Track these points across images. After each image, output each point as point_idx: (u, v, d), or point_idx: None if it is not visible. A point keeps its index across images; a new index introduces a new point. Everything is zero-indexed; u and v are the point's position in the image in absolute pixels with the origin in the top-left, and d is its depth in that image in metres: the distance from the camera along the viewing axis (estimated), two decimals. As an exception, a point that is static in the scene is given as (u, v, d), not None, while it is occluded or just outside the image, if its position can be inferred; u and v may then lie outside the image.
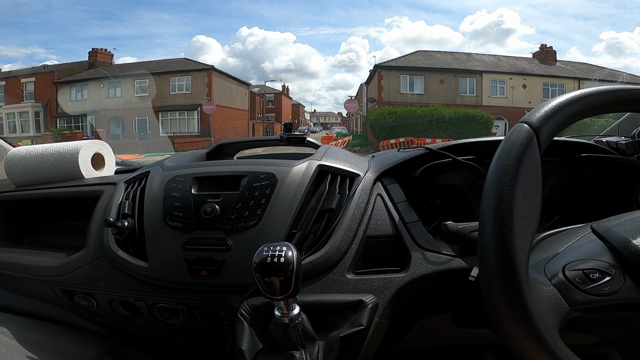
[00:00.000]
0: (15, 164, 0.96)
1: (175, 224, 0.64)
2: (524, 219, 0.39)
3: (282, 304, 0.48)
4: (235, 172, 0.69)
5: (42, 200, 0.92)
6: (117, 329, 0.79)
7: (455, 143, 0.81)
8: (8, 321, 0.76)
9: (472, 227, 0.53)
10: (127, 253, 0.67)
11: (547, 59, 22.64)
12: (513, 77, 20.50)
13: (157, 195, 0.69)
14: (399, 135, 15.07)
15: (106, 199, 0.77)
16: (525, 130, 0.43)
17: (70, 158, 0.93)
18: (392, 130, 16.27)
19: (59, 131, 18.14)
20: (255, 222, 0.62)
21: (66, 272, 0.73)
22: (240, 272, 0.60)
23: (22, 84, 22.08)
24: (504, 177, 0.40)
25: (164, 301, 0.65)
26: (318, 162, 0.70)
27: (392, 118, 16.56)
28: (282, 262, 0.45)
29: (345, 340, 0.52)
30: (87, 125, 21.24)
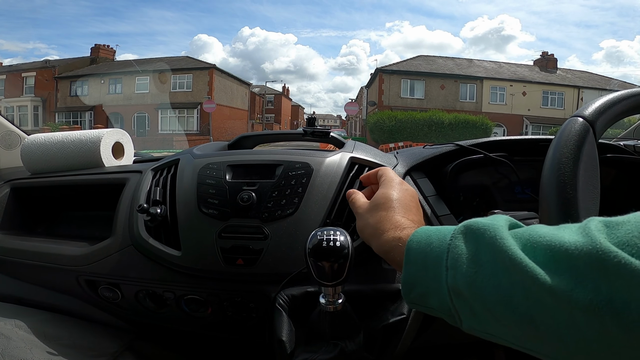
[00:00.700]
0: (32, 150, 0.94)
1: (211, 212, 0.63)
2: (588, 203, 0.40)
3: (330, 291, 0.47)
4: (269, 161, 0.68)
5: (60, 188, 0.90)
6: (139, 323, 0.78)
7: (485, 140, 0.81)
8: (25, 314, 0.74)
9: (521, 215, 0.53)
10: (158, 241, 0.65)
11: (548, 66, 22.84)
12: (513, 84, 20.68)
13: (190, 182, 0.67)
14: (398, 139, 15.12)
15: (132, 187, 0.76)
16: (580, 122, 0.44)
17: (91, 146, 0.92)
18: (392, 134, 16.35)
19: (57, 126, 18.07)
20: (293, 210, 0.62)
21: (93, 262, 0.70)
22: (276, 261, 0.59)
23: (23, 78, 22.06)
24: (565, 164, 0.41)
25: (195, 292, 0.64)
26: (350, 154, 0.70)
27: (392, 122, 16.65)
28: (337, 246, 0.44)
29: (387, 329, 0.51)
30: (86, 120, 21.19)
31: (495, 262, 0.30)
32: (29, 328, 0.69)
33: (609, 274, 0.23)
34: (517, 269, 0.28)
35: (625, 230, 0.26)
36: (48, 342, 0.66)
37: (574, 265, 0.26)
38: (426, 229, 0.38)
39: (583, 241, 0.26)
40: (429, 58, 22.97)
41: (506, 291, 0.29)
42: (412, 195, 0.50)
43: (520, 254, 0.28)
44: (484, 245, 0.31)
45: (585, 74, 23.21)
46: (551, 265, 0.27)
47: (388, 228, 0.44)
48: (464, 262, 0.32)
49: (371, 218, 0.47)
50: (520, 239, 0.30)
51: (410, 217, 0.45)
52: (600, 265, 0.24)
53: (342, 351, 0.49)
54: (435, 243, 0.35)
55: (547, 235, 0.29)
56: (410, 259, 0.37)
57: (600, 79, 22.30)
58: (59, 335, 0.70)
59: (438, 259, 0.34)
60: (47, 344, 0.66)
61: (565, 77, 21.78)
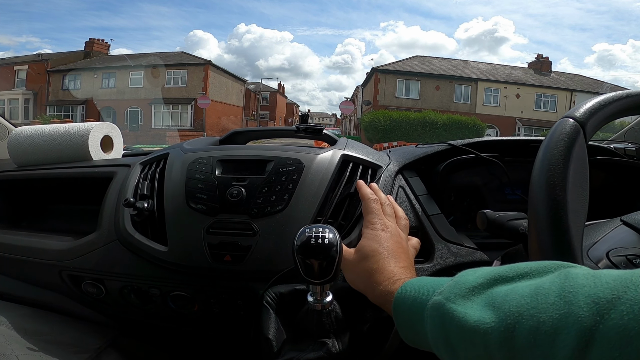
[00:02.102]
0: (19, 143, 0.93)
1: (199, 207, 0.62)
2: (577, 204, 0.40)
3: (318, 289, 0.46)
4: (260, 157, 0.67)
5: (47, 181, 0.88)
6: (123, 319, 0.76)
7: (476, 140, 0.81)
8: (5, 309, 0.72)
9: (509, 216, 0.53)
10: (144, 236, 0.64)
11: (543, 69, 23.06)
12: (508, 86, 20.84)
13: (178, 176, 0.66)
14: (392, 139, 15.19)
15: (120, 181, 0.74)
16: (571, 123, 0.44)
17: (79, 139, 0.90)
18: (386, 133, 16.43)
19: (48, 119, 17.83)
20: (282, 207, 0.61)
21: (76, 256, 0.69)
22: (265, 258, 0.59)
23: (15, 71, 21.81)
24: (555, 165, 0.41)
25: (181, 288, 0.63)
26: (342, 152, 0.70)
27: (387, 122, 16.74)
28: (325, 243, 0.44)
29: (375, 328, 0.51)
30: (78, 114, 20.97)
31: (466, 349, 0.30)
32: (10, 323, 0.67)
33: None
34: (486, 354, 0.28)
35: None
36: (29, 338, 0.65)
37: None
38: (407, 292, 0.39)
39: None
40: (425, 59, 23.05)
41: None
42: (397, 238, 0.50)
43: (491, 337, 0.28)
44: (451, 330, 0.31)
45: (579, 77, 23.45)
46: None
47: (381, 281, 0.44)
48: (442, 345, 0.32)
49: (362, 272, 0.47)
50: (485, 303, 0.30)
51: (400, 265, 0.46)
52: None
53: (329, 350, 0.48)
54: (416, 313, 0.36)
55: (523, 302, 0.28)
56: (399, 322, 0.39)
57: (593, 82, 22.55)
58: (40, 331, 0.68)
59: (423, 331, 0.35)
60: (28, 340, 0.65)
61: (558, 80, 21.98)
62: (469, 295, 0.32)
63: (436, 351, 0.34)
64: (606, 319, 0.22)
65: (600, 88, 20.57)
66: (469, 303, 0.31)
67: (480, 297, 0.31)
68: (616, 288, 0.23)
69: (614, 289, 0.23)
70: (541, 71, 22.90)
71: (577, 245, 0.38)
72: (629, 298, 0.22)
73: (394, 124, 16.69)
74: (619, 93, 0.47)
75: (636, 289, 0.22)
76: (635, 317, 0.21)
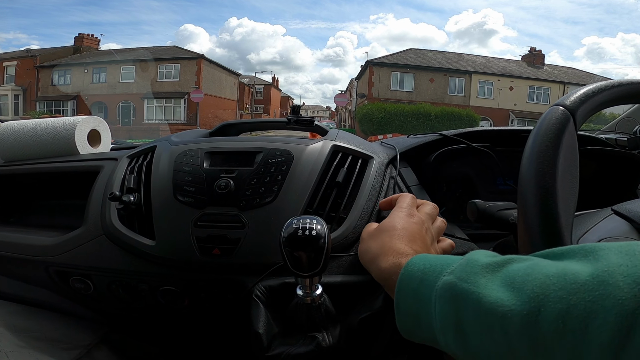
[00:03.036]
0: (5, 138, 0.91)
1: (187, 199, 0.60)
2: (566, 192, 0.39)
3: (307, 282, 0.46)
4: (249, 148, 0.66)
5: (33, 176, 0.87)
6: (113, 315, 0.75)
7: (468, 130, 0.81)
8: None
9: (500, 206, 0.53)
10: (131, 230, 0.63)
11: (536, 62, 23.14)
12: (501, 78, 20.93)
13: (166, 169, 0.65)
14: (387, 131, 15.22)
15: (107, 174, 0.73)
16: (560, 111, 0.43)
17: (65, 133, 0.89)
18: (380, 126, 16.48)
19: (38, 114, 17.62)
20: (272, 198, 0.60)
21: (62, 252, 0.68)
22: (254, 251, 0.58)
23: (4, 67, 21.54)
24: (545, 152, 0.40)
25: (170, 283, 0.62)
26: (332, 142, 0.69)
27: (381, 114, 16.80)
28: (313, 235, 0.43)
29: (365, 322, 0.50)
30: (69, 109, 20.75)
31: (481, 334, 0.27)
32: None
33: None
34: (505, 340, 0.26)
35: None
36: (18, 335, 0.64)
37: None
38: (414, 271, 0.36)
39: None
40: (420, 51, 23.01)
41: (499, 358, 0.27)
42: (420, 227, 0.48)
43: (511, 322, 0.25)
44: (465, 313, 0.29)
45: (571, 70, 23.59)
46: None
47: (389, 254, 0.42)
48: (452, 330, 0.30)
49: (373, 243, 0.45)
50: (503, 283, 0.28)
51: (414, 247, 0.43)
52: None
53: (320, 344, 0.48)
54: (423, 295, 0.33)
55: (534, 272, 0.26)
56: (400, 305, 0.36)
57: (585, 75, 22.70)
58: (29, 328, 0.67)
59: (428, 316, 0.32)
60: (17, 337, 0.64)
61: (551, 73, 22.09)
62: (484, 273, 0.29)
63: (441, 339, 0.31)
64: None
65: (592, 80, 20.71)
66: (485, 281, 0.28)
67: (497, 276, 0.28)
68: None
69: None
70: (534, 64, 22.99)
71: (566, 233, 0.38)
72: None
73: (389, 116, 16.76)
74: (609, 82, 0.47)
75: None
76: None
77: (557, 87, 20.88)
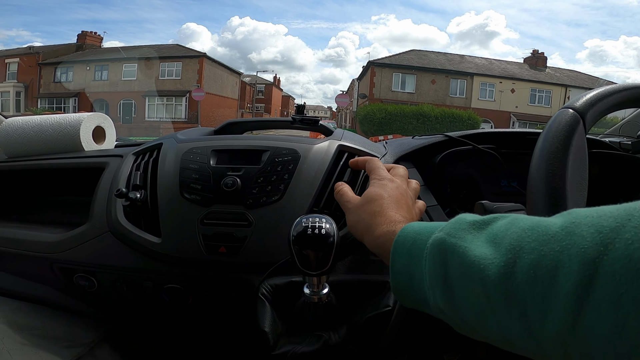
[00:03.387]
0: (9, 133, 0.91)
1: (193, 197, 0.60)
2: (576, 193, 0.40)
3: (314, 281, 0.46)
4: (256, 147, 0.66)
5: (37, 172, 0.87)
6: (116, 312, 0.75)
7: (474, 132, 0.81)
8: None
9: (507, 207, 0.53)
10: (137, 227, 0.63)
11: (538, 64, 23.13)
12: (503, 81, 20.92)
13: (172, 166, 0.65)
14: (388, 132, 15.23)
15: (112, 171, 0.73)
16: (570, 114, 0.44)
17: (71, 130, 0.89)
18: (381, 126, 16.48)
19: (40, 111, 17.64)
20: (278, 197, 0.60)
21: (67, 248, 0.67)
22: (260, 249, 0.58)
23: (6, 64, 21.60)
24: (555, 154, 0.40)
25: (175, 281, 0.62)
26: (338, 142, 0.69)
27: (382, 115, 16.80)
28: (323, 234, 0.43)
29: (372, 321, 0.50)
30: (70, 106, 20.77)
31: (464, 287, 0.29)
32: (1, 317, 0.66)
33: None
34: (484, 293, 0.27)
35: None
36: (20, 332, 0.64)
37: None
38: (408, 233, 0.37)
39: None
40: (421, 52, 23.01)
41: (480, 315, 0.28)
42: (403, 191, 0.50)
43: (490, 274, 0.26)
44: (451, 266, 0.30)
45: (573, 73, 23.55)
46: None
47: (382, 222, 0.43)
48: (440, 285, 0.31)
49: (364, 214, 0.46)
50: (487, 239, 0.29)
51: (402, 214, 0.44)
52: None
53: (326, 343, 0.48)
54: (415, 255, 0.35)
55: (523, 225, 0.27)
56: (395, 266, 0.37)
57: (587, 78, 22.66)
58: (31, 325, 0.67)
59: (419, 275, 0.34)
60: (19, 334, 0.63)
61: (553, 76, 22.06)
62: (471, 230, 0.31)
63: (431, 296, 0.32)
64: (610, 250, 0.20)
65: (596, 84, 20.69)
66: (471, 237, 0.30)
67: (482, 233, 0.30)
68: (620, 216, 0.22)
69: (618, 218, 0.22)
70: (536, 66, 22.98)
71: None
72: (633, 225, 0.20)
73: (390, 117, 16.77)
74: (619, 85, 0.48)
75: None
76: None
77: (558, 90, 20.86)
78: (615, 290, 0.19)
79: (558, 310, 0.22)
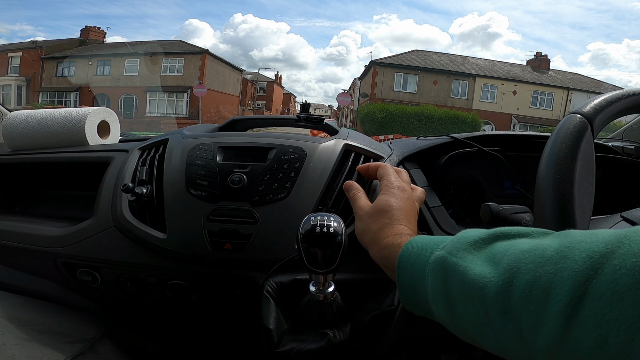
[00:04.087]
0: (14, 127, 0.91)
1: (199, 193, 0.60)
2: (583, 198, 0.40)
3: (320, 279, 0.46)
4: (262, 144, 0.66)
5: (41, 166, 0.87)
6: (119, 308, 0.75)
7: (479, 134, 0.81)
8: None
9: (513, 209, 0.53)
10: (142, 223, 0.63)
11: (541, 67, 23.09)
12: (505, 82, 20.89)
13: (179, 162, 0.65)
14: (388, 131, 15.22)
15: (117, 166, 0.73)
16: (578, 119, 0.44)
17: (76, 124, 0.89)
18: (382, 126, 16.47)
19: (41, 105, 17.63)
20: (284, 195, 0.60)
21: (71, 243, 0.67)
22: (266, 246, 0.58)
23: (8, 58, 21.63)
24: (563, 160, 0.41)
25: (179, 277, 0.62)
26: (344, 141, 0.69)
27: (383, 114, 16.79)
28: (330, 232, 0.43)
29: (376, 319, 0.50)
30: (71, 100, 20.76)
31: (465, 303, 0.30)
32: (2, 312, 0.66)
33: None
34: (483, 309, 0.28)
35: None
36: (21, 327, 0.64)
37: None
38: (412, 248, 0.39)
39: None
40: (424, 53, 22.98)
41: (479, 328, 0.29)
42: (412, 203, 0.51)
43: (488, 291, 0.28)
44: (452, 284, 0.32)
45: (576, 76, 23.50)
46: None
47: (389, 234, 0.44)
48: (441, 300, 0.33)
49: (373, 224, 0.47)
50: (486, 258, 0.31)
51: (409, 226, 0.46)
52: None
53: (330, 341, 0.48)
54: (418, 271, 0.36)
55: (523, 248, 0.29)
56: (401, 280, 0.39)
57: (590, 81, 22.62)
58: (33, 320, 0.67)
59: (423, 289, 0.35)
60: (21, 329, 0.63)
61: (555, 78, 22.03)
62: (471, 249, 0.32)
63: (435, 309, 0.34)
64: (599, 274, 0.22)
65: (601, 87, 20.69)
66: (471, 257, 0.31)
67: (482, 253, 0.31)
68: (611, 243, 0.23)
69: (609, 244, 0.23)
70: (539, 69, 22.95)
71: None
72: (622, 252, 0.22)
73: (391, 117, 16.76)
74: (626, 90, 0.48)
75: (630, 243, 0.22)
76: (628, 272, 0.21)
77: (560, 92, 20.83)
78: (600, 310, 0.21)
79: (549, 326, 0.24)
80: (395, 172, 0.55)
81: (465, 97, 20.88)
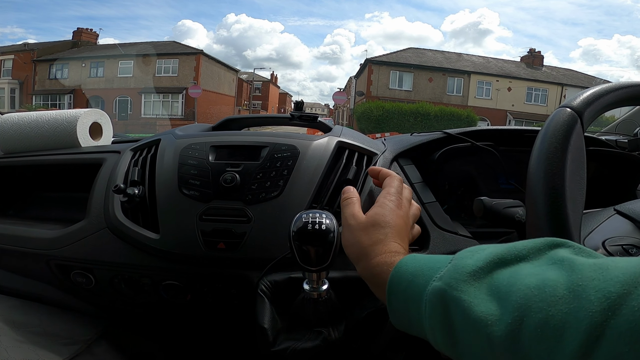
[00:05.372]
0: (6, 130, 0.90)
1: (192, 193, 0.60)
2: (575, 192, 0.40)
3: (314, 277, 0.46)
4: (255, 142, 0.66)
5: (33, 168, 0.86)
6: (114, 309, 0.75)
7: (472, 129, 0.81)
8: None
9: (506, 203, 0.53)
10: (135, 223, 0.63)
11: (534, 63, 23.17)
12: (500, 79, 20.98)
13: (171, 162, 0.65)
14: (385, 129, 15.24)
15: (109, 167, 0.72)
16: (568, 113, 0.44)
17: (67, 126, 0.88)
18: (379, 124, 16.51)
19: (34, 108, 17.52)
20: (277, 193, 0.60)
21: (64, 245, 0.67)
22: (260, 245, 0.58)
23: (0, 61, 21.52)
24: (553, 153, 0.41)
25: (173, 278, 0.62)
26: (338, 139, 0.69)
27: (379, 112, 16.82)
28: (322, 229, 0.43)
29: (371, 317, 0.50)
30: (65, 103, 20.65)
31: (469, 339, 0.29)
32: None
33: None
34: (489, 345, 0.28)
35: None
36: (17, 330, 0.64)
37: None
38: (403, 273, 0.37)
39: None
40: (419, 50, 23.03)
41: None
42: (407, 221, 0.49)
43: (496, 330, 0.27)
44: (454, 319, 0.31)
45: (570, 72, 23.64)
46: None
47: (381, 252, 0.42)
48: (440, 331, 0.32)
49: (364, 237, 0.44)
50: (489, 292, 0.30)
51: (402, 245, 0.44)
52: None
53: (325, 339, 0.48)
54: (412, 298, 0.35)
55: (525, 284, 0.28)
56: (392, 304, 0.38)
57: (583, 77, 22.75)
58: (28, 322, 0.67)
59: (418, 316, 0.34)
60: (16, 332, 0.63)
61: (550, 75, 22.14)
62: (471, 281, 0.31)
63: (431, 337, 0.33)
64: (617, 314, 0.22)
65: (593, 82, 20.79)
66: (473, 290, 0.30)
67: (483, 284, 0.30)
68: (627, 282, 0.23)
69: (625, 284, 0.23)
70: (533, 65, 23.05)
71: (575, 233, 0.38)
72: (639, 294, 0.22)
73: (387, 115, 16.81)
74: (615, 83, 0.48)
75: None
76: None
77: (555, 88, 20.94)
78: (618, 349, 0.21)
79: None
80: (400, 187, 0.53)
81: (461, 94, 20.96)
